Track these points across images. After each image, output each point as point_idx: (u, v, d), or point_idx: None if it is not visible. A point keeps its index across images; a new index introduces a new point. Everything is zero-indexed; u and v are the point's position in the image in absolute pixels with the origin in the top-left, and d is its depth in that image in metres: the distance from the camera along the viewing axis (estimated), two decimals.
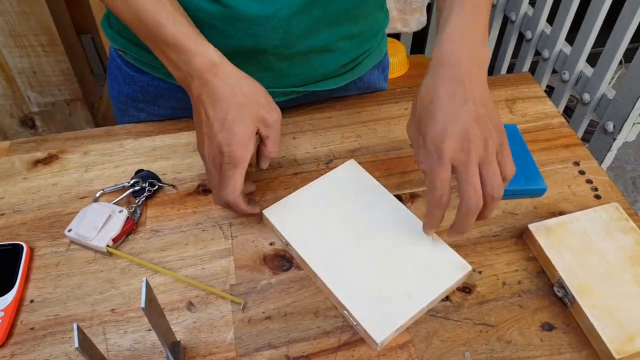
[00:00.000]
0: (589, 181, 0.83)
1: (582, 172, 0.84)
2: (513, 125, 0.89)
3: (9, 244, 0.74)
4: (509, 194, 0.80)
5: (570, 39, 1.76)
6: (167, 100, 0.94)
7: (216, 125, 0.70)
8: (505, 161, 0.64)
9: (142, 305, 0.52)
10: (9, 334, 0.66)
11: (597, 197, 0.81)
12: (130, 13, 0.71)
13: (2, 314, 0.67)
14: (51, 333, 0.66)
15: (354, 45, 0.87)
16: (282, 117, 0.72)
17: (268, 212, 0.77)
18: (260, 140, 0.75)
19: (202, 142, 0.73)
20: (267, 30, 0.76)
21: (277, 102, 0.91)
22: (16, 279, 0.70)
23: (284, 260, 0.74)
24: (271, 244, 0.76)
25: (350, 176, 0.82)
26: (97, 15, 1.70)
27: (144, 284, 0.53)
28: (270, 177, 0.85)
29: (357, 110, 0.96)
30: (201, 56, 0.70)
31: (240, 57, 0.80)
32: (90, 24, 1.96)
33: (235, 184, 0.71)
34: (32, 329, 0.67)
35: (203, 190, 0.83)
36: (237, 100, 0.70)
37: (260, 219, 0.78)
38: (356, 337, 0.66)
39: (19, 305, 0.69)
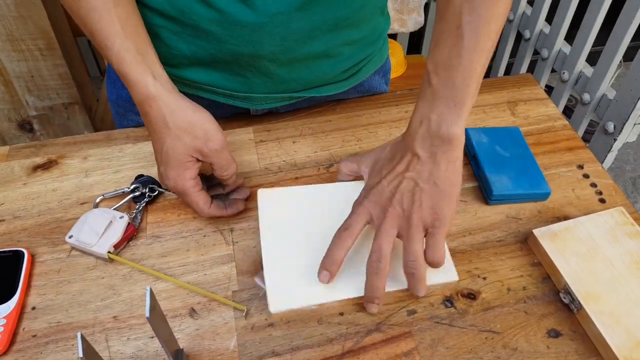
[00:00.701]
0: (593, 185, 0.83)
1: (586, 176, 0.84)
2: (516, 128, 0.88)
3: (10, 251, 0.73)
4: (512, 198, 0.79)
5: (570, 38, 1.76)
6: None
7: (158, 157, 0.73)
8: (433, 246, 0.65)
9: (147, 314, 0.51)
10: (12, 342, 0.66)
11: (602, 200, 0.81)
12: (86, 30, 0.71)
13: (4, 321, 0.66)
14: (53, 340, 0.66)
15: (355, 50, 0.86)
16: (281, 120, 0.71)
17: (262, 194, 0.78)
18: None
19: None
20: (263, 37, 0.75)
21: (276, 107, 0.91)
22: (18, 286, 0.70)
23: None
24: None
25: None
26: None
27: (148, 292, 0.52)
28: (271, 182, 0.84)
29: (357, 113, 0.96)
30: (139, 87, 0.70)
31: (238, 62, 0.79)
32: None
33: (199, 207, 0.74)
34: (34, 336, 0.66)
35: None
36: (171, 132, 0.71)
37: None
38: (360, 344, 0.65)
39: (20, 312, 0.68)
